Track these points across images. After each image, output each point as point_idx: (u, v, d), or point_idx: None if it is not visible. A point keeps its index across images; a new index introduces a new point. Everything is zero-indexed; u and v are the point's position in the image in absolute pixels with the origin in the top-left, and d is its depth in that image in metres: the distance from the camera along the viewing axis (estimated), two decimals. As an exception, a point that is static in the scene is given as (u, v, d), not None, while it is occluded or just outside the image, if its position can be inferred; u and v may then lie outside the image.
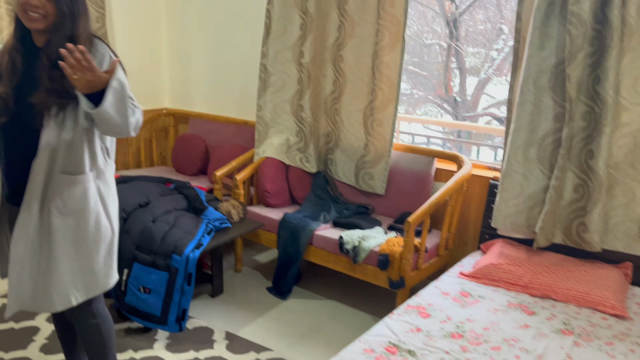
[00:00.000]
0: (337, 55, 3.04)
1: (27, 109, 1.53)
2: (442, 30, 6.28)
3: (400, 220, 2.85)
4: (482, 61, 6.23)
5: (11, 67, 1.53)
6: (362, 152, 3.06)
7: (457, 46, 6.07)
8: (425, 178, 2.88)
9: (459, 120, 6.13)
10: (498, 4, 5.85)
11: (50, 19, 1.49)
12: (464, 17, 5.93)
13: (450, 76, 6.34)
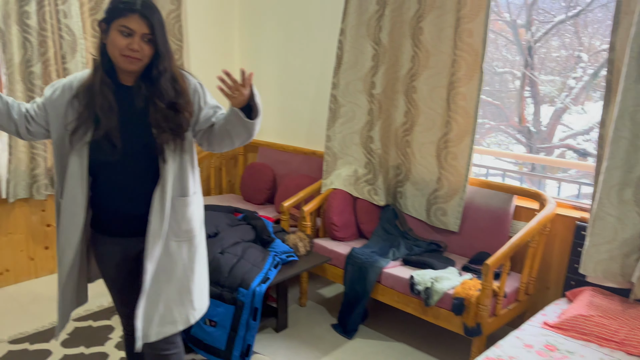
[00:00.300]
0: (409, 86, 2.95)
1: (138, 145, 1.58)
2: (513, 57, 6.06)
3: (475, 260, 2.68)
4: (558, 90, 5.94)
5: (107, 107, 1.54)
6: (434, 186, 2.93)
7: (531, 75, 5.83)
8: (503, 216, 2.71)
9: (533, 151, 5.84)
10: (576, 31, 5.58)
11: (145, 60, 1.52)
12: (539, 44, 5.69)
13: (523, 105, 6.07)
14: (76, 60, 2.96)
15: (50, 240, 3.19)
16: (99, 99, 1.53)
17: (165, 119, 1.57)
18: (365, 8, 3.06)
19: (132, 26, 1.46)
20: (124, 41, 1.46)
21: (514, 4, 5.90)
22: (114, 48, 1.48)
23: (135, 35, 1.47)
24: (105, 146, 1.55)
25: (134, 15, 1.46)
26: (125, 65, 1.51)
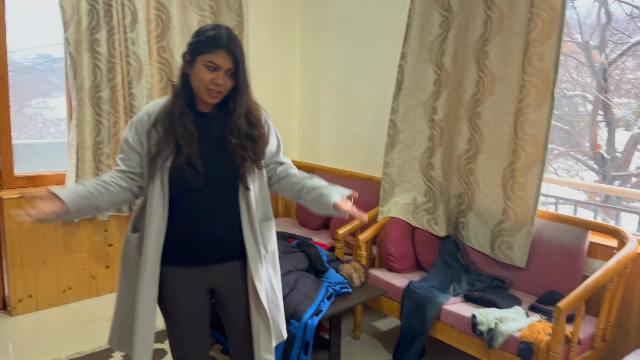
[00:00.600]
0: (474, 111, 2.82)
1: (219, 171, 1.61)
2: (584, 80, 5.75)
3: (544, 300, 2.48)
4: (635, 113, 5.55)
5: (188, 135, 1.56)
6: (499, 217, 2.76)
7: (605, 98, 5.49)
8: (576, 253, 2.50)
9: (607, 180, 5.46)
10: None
11: (225, 93, 1.57)
12: (614, 66, 5.36)
13: (596, 130, 5.72)
14: (141, 86, 3.05)
15: (111, 259, 3.27)
16: (179, 126, 1.55)
17: (243, 148, 1.61)
18: (428, 32, 2.98)
19: (219, 62, 1.50)
20: (209, 75, 1.50)
21: (586, 24, 5.61)
22: (199, 81, 1.52)
23: (221, 70, 1.51)
24: (187, 173, 1.56)
25: (221, 52, 1.50)
26: (207, 99, 1.55)
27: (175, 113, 1.55)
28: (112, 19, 2.91)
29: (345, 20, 3.67)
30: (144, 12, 3.06)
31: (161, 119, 1.57)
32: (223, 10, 3.38)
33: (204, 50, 1.50)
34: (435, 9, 2.94)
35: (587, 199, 5.43)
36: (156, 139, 1.57)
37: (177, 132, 1.54)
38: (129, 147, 1.60)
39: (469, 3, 2.80)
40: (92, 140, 2.99)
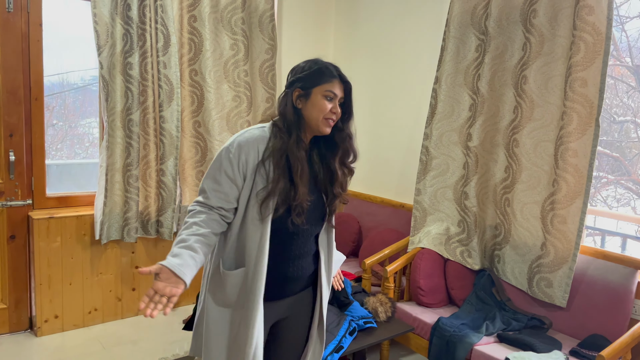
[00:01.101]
0: (511, 139, 2.68)
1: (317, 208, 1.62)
2: (636, 105, 5.46)
3: (587, 344, 2.28)
4: (691, 141, 5.22)
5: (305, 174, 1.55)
6: (538, 252, 2.59)
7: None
8: (623, 294, 2.29)
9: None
10: None
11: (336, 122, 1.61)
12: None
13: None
14: (172, 109, 3.06)
15: (137, 281, 3.25)
16: (297, 164, 1.52)
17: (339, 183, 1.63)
18: (464, 55, 2.87)
19: (336, 91, 1.57)
20: (329, 105, 1.55)
21: (637, 47, 5.36)
22: (317, 111, 1.55)
23: (336, 99, 1.57)
24: (295, 214, 1.53)
25: (336, 81, 1.58)
26: (323, 128, 1.57)
27: (294, 150, 1.52)
28: (145, 43, 2.95)
29: (378, 44, 3.60)
30: (177, 35, 3.09)
31: (273, 156, 1.51)
32: (256, 34, 3.39)
33: (321, 81, 1.56)
34: (471, 32, 2.84)
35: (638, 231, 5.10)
36: (267, 176, 1.51)
37: (294, 169, 1.52)
38: (229, 180, 1.52)
39: (507, 26, 2.68)
40: (122, 162, 3.01)
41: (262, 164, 1.52)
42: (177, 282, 1.38)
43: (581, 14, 2.34)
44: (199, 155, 3.30)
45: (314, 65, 1.59)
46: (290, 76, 1.62)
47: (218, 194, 1.52)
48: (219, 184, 1.52)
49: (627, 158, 5.60)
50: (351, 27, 3.80)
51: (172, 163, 3.10)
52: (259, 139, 1.54)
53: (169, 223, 3.14)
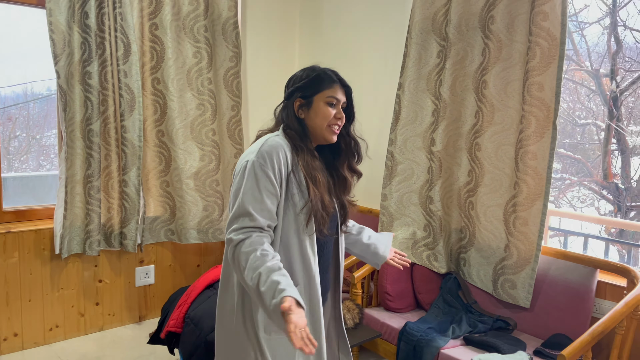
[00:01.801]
0: (473, 143, 2.71)
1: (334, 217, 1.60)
2: (597, 109, 5.62)
3: (551, 344, 2.31)
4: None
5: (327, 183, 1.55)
6: (502, 254, 2.62)
7: (617, 127, 5.34)
8: (584, 293, 2.34)
9: (621, 210, 5.27)
10: (668, 79, 5.08)
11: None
12: (626, 93, 5.23)
13: (610, 160, 5.55)
14: (133, 118, 3.00)
15: (101, 296, 3.17)
16: (318, 175, 1.51)
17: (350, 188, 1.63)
18: (425, 61, 2.90)
19: (338, 96, 1.55)
20: (332, 111, 1.53)
21: (596, 52, 5.52)
22: (321, 119, 1.52)
23: (339, 105, 1.55)
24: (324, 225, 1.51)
25: (337, 85, 1.56)
26: (329, 136, 1.54)
27: (310, 161, 1.51)
28: (104, 52, 2.89)
29: (343, 50, 3.62)
30: (137, 44, 3.04)
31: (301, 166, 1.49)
32: (219, 41, 3.36)
33: (322, 87, 1.54)
34: (432, 38, 2.87)
35: (603, 230, 5.23)
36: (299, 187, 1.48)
37: (319, 181, 1.50)
38: (271, 195, 1.43)
39: (467, 32, 2.72)
40: (83, 174, 2.93)
41: (293, 174, 1.48)
42: (302, 311, 1.30)
43: (536, 20, 2.39)
44: (163, 165, 3.25)
45: (312, 72, 1.57)
46: (289, 87, 1.59)
47: (264, 213, 1.42)
48: (261, 201, 1.42)
49: (589, 160, 5.75)
50: (316, 34, 3.81)
51: (135, 173, 3.04)
52: (281, 146, 1.48)
53: (132, 235, 3.07)
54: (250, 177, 1.42)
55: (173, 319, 2.51)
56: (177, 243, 3.42)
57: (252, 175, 1.42)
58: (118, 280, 3.22)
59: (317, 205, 1.48)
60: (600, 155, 5.64)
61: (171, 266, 3.44)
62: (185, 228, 3.28)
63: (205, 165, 3.33)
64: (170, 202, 3.29)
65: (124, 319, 3.27)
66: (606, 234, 5.20)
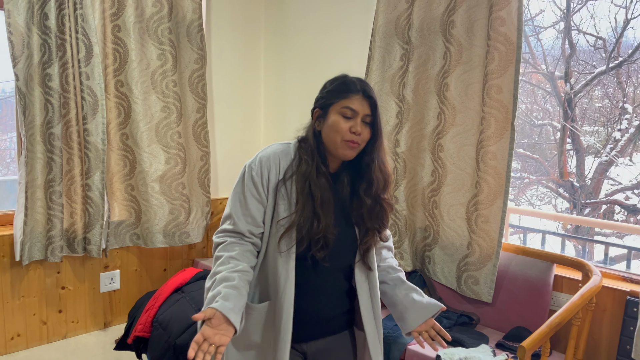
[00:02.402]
0: (436, 144, 2.79)
1: (345, 243, 1.46)
2: (553, 110, 5.84)
3: (512, 337, 2.40)
4: (603, 141, 5.63)
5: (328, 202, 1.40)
6: (465, 251, 2.70)
7: (572, 127, 5.57)
8: (542, 287, 2.44)
9: (577, 207, 5.48)
10: (619, 82, 5.33)
11: (363, 145, 1.42)
12: (580, 95, 5.46)
13: (565, 159, 5.77)
14: (96, 121, 2.95)
15: (64, 303, 3.10)
16: (317, 192, 1.38)
17: (370, 216, 1.44)
18: (389, 64, 2.96)
19: (356, 107, 1.38)
20: (346, 124, 1.37)
21: (552, 55, 5.73)
22: (334, 133, 1.38)
23: (358, 117, 1.38)
24: (316, 249, 1.39)
25: (357, 96, 1.38)
26: (344, 152, 1.39)
27: (312, 176, 1.38)
28: (65, 54, 2.83)
29: (309, 53, 3.65)
30: (100, 46, 2.99)
31: (295, 179, 1.40)
32: (184, 43, 3.34)
33: (339, 97, 1.39)
34: (395, 41, 2.94)
35: (561, 227, 5.43)
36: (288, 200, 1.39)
37: (316, 198, 1.38)
38: (255, 201, 1.40)
39: (429, 36, 2.80)
40: (44, 178, 2.86)
41: (284, 183, 1.41)
42: (227, 329, 1.25)
43: (494, 25, 2.48)
44: (128, 169, 3.21)
45: (335, 80, 1.45)
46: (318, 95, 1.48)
47: (246, 218, 1.40)
48: (245, 206, 1.40)
49: (546, 159, 5.97)
50: (281, 36, 3.83)
51: (99, 177, 2.99)
52: (282, 154, 1.44)
53: (97, 240, 3.02)
54: (240, 182, 1.43)
55: (141, 323, 2.49)
56: (142, 247, 3.37)
57: (242, 179, 1.42)
58: (82, 287, 3.16)
59: (303, 223, 1.37)
60: (556, 155, 5.86)
61: (137, 271, 3.40)
62: (151, 232, 3.25)
63: (171, 168, 3.30)
64: (135, 206, 3.25)
65: (89, 326, 3.21)
66: (563, 230, 5.41)
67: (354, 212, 1.45)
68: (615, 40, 5.00)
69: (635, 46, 4.92)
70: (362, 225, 1.45)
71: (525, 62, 5.17)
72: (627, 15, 4.85)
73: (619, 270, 2.47)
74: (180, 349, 2.27)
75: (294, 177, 1.41)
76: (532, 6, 5.11)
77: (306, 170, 1.40)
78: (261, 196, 1.40)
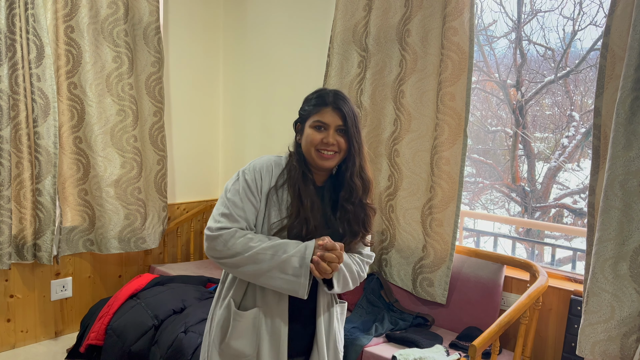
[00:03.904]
0: (392, 149, 2.85)
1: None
2: (507, 117, 6.04)
3: (464, 337, 2.48)
4: (552, 147, 5.88)
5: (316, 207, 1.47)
6: (420, 254, 2.77)
7: (523, 134, 5.78)
8: (492, 288, 2.53)
9: (528, 211, 5.69)
10: (567, 91, 5.58)
11: (342, 154, 1.49)
12: (531, 102, 5.68)
13: (517, 165, 5.99)
14: (48, 124, 2.87)
15: (12, 312, 2.99)
16: (306, 199, 1.46)
17: (355, 221, 1.51)
18: (347, 71, 3.01)
19: (326, 120, 1.45)
20: (318, 136, 1.45)
21: (504, 64, 5.94)
22: (309, 144, 1.46)
23: (330, 129, 1.45)
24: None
25: (327, 109, 1.46)
26: (320, 162, 1.46)
27: (300, 184, 1.47)
28: (15, 54, 2.74)
29: (268, 57, 3.66)
30: (52, 46, 2.92)
31: (286, 187, 1.48)
32: (140, 46, 3.29)
33: (312, 112, 1.48)
34: (353, 49, 2.98)
35: (514, 230, 5.62)
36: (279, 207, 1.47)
37: (305, 203, 1.45)
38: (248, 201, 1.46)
39: (385, 44, 2.86)
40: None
41: (275, 191, 1.48)
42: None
43: (447, 35, 2.57)
44: (81, 173, 3.13)
45: (312, 95, 1.53)
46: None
47: (240, 213, 1.46)
48: (237, 205, 1.46)
49: (500, 164, 6.17)
50: (240, 40, 3.83)
51: (50, 182, 2.91)
52: (274, 164, 1.51)
53: (47, 246, 2.93)
54: (235, 184, 1.49)
55: (94, 331, 2.43)
56: (96, 253, 3.29)
57: (238, 183, 1.48)
58: (31, 295, 3.05)
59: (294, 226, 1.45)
60: (509, 160, 6.07)
61: (90, 277, 3.31)
62: (106, 238, 3.17)
63: (127, 172, 3.24)
64: (89, 211, 3.17)
65: (39, 335, 3.10)
66: (516, 233, 5.59)
67: (339, 220, 1.52)
68: (564, 50, 5.24)
69: (581, 57, 5.16)
70: (348, 230, 1.51)
71: (479, 70, 5.35)
72: (574, 27, 5.09)
73: (564, 270, 2.59)
74: (136, 356, 2.23)
75: (285, 185, 1.49)
76: (486, 16, 5.28)
77: (295, 178, 1.48)
78: (255, 200, 1.48)
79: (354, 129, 1.48)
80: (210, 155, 3.97)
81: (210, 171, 3.98)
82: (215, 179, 4.03)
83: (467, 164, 2.61)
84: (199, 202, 3.86)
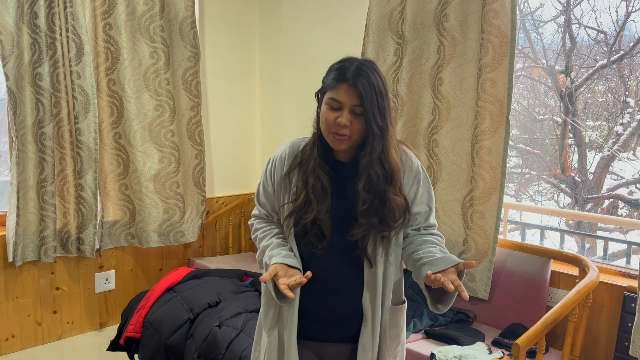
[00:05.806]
0: (431, 139, 2.75)
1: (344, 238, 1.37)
2: (555, 104, 5.78)
3: (508, 334, 2.36)
4: (605, 136, 5.57)
5: (320, 190, 1.35)
6: (460, 247, 2.67)
7: (573, 122, 5.51)
8: (538, 283, 2.40)
9: (579, 202, 5.43)
10: (621, 75, 5.27)
11: (355, 137, 1.32)
12: (581, 89, 5.40)
13: (566, 154, 5.71)
14: (88, 120, 2.93)
15: (59, 304, 3.09)
16: (311, 179, 1.36)
17: (368, 212, 1.33)
18: (383, 59, 2.93)
19: (341, 98, 1.29)
20: (332, 115, 1.31)
21: (552, 50, 5.67)
22: (323, 124, 1.34)
23: (345, 109, 1.30)
24: (311, 235, 1.37)
25: (343, 85, 1.29)
26: (333, 144, 1.33)
27: (309, 163, 1.37)
28: (56, 52, 2.81)
29: (303, 49, 3.62)
30: (91, 44, 2.97)
31: (299, 168, 1.40)
32: (177, 41, 3.31)
33: (328, 87, 1.33)
34: (389, 36, 2.90)
35: (563, 222, 5.38)
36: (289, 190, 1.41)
37: (309, 184, 1.35)
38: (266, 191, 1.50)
39: (422, 30, 2.76)
40: (36, 179, 2.85)
41: (288, 176, 1.42)
42: (293, 270, 1.34)
43: (487, 18, 2.44)
44: (121, 168, 3.19)
45: (335, 65, 1.36)
46: None
47: (262, 202, 1.53)
48: (260, 195, 1.53)
49: (548, 154, 5.91)
50: (275, 32, 3.80)
51: (92, 177, 2.97)
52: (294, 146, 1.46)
53: (90, 240, 3.00)
54: (263, 172, 1.52)
55: (132, 324, 2.47)
56: (138, 247, 3.36)
57: (263, 173, 1.52)
58: (76, 287, 3.14)
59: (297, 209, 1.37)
60: (557, 150, 5.80)
61: (132, 271, 3.38)
62: (146, 231, 3.22)
63: (165, 167, 3.28)
64: (129, 205, 3.23)
65: (84, 327, 3.19)
66: (566, 226, 5.35)
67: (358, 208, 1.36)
68: (617, 33, 4.94)
69: (637, 39, 4.85)
70: (363, 223, 1.34)
71: (525, 57, 5.12)
72: (628, 8, 4.79)
73: (616, 265, 2.43)
74: (171, 349, 2.25)
75: (295, 168, 1.43)
76: (532, 0, 5.05)
77: (303, 158, 1.41)
78: (271, 189, 1.49)
79: (375, 109, 1.28)
80: (247, 149, 3.97)
81: (248, 165, 3.98)
82: (253, 173, 4.03)
83: (512, 154, 2.49)
84: (237, 195, 3.87)
